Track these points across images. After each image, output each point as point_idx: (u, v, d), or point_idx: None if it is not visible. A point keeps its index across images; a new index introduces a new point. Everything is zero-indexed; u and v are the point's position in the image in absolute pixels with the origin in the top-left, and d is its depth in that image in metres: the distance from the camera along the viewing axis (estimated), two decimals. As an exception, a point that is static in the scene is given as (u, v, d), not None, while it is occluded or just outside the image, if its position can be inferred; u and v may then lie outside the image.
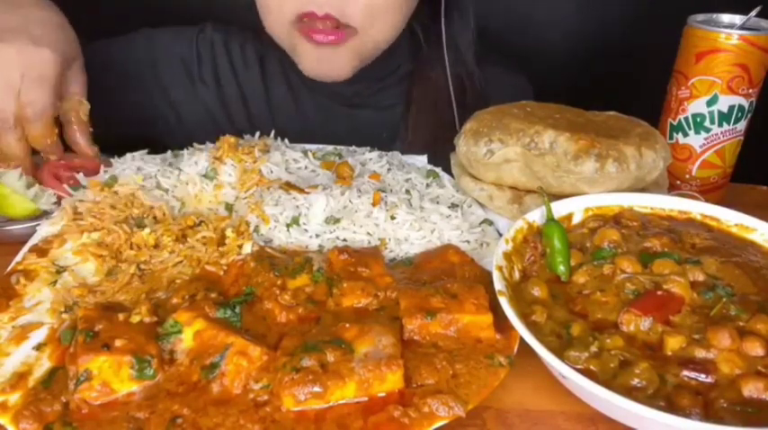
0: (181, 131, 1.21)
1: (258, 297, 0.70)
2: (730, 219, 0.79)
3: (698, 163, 0.95)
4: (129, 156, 0.94)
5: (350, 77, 1.09)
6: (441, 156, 1.00)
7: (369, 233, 0.82)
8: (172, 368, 0.62)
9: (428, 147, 1.06)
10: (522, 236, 0.75)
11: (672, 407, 0.55)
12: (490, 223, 0.87)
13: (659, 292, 0.66)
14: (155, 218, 0.83)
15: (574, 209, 0.80)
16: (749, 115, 0.93)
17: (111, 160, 0.94)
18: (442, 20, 1.14)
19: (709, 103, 0.91)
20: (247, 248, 0.78)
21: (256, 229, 0.81)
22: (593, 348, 0.61)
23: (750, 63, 0.88)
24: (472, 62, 1.20)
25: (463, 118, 1.06)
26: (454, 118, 1.17)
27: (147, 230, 0.79)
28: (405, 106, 1.22)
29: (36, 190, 0.87)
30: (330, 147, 1.01)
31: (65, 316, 0.69)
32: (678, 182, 0.98)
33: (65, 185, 0.88)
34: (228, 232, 0.80)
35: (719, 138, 0.93)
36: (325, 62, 1.05)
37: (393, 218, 0.83)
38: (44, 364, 0.64)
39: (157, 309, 0.68)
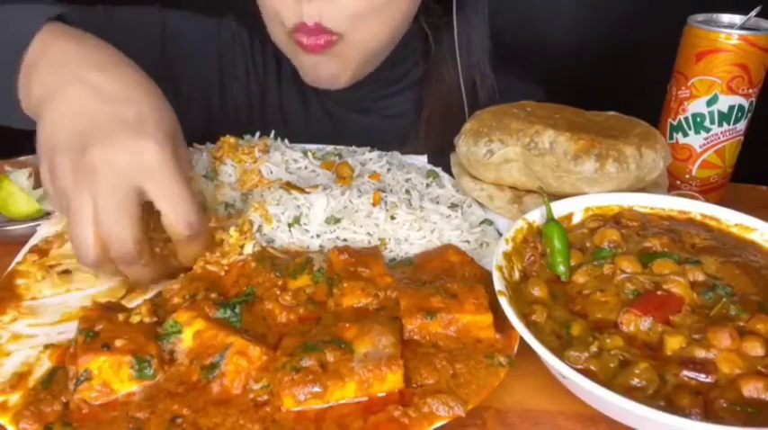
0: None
1: (259, 297, 0.70)
2: (730, 219, 0.79)
3: (698, 163, 0.95)
4: None
5: (352, 84, 1.08)
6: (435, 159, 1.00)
7: (369, 233, 0.82)
8: (172, 368, 0.62)
9: (439, 151, 1.04)
10: (522, 236, 0.75)
11: (672, 407, 0.55)
12: (490, 223, 0.87)
13: (659, 292, 0.66)
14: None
15: (574, 209, 0.80)
16: (749, 115, 0.93)
17: None
18: (454, 16, 1.11)
19: (709, 102, 0.91)
20: (248, 249, 0.78)
21: (259, 229, 0.81)
22: (593, 348, 0.61)
23: (750, 63, 0.88)
24: (486, 64, 1.17)
25: None
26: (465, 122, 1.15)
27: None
28: (416, 111, 1.19)
29: (41, 191, 0.88)
30: (330, 147, 1.01)
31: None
32: (678, 182, 0.98)
33: None
34: (231, 231, 0.80)
35: (719, 138, 0.93)
36: (320, 68, 1.04)
37: (393, 218, 0.83)
38: (44, 364, 0.63)
39: (157, 309, 0.68)
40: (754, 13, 0.90)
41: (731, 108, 0.91)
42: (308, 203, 0.83)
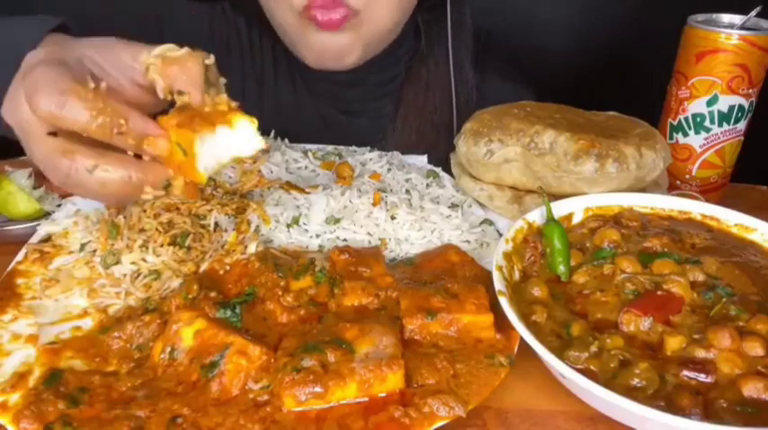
0: None
1: (260, 298, 0.70)
2: (730, 219, 0.79)
3: (698, 163, 0.95)
4: None
5: (354, 69, 1.07)
6: (428, 159, 1.00)
7: (369, 233, 0.82)
8: (171, 368, 0.62)
9: (412, 148, 1.05)
10: (522, 236, 0.75)
11: (672, 407, 0.55)
12: (490, 223, 0.87)
13: (659, 292, 0.66)
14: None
15: (574, 209, 0.80)
16: (749, 115, 0.94)
17: None
18: (448, 8, 1.12)
19: (709, 102, 0.91)
20: (252, 248, 0.78)
21: (257, 230, 0.81)
22: (593, 348, 0.61)
23: (750, 63, 0.88)
24: (469, 69, 1.18)
25: (459, 123, 1.05)
26: (449, 121, 1.15)
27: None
28: (395, 105, 1.20)
29: (41, 191, 0.88)
30: (330, 147, 1.01)
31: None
32: (678, 182, 0.98)
33: None
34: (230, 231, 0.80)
35: (719, 138, 0.93)
36: (330, 50, 1.03)
37: (393, 218, 0.83)
38: (44, 364, 0.63)
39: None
40: (754, 13, 0.90)
41: (731, 108, 0.91)
42: (307, 203, 0.83)
